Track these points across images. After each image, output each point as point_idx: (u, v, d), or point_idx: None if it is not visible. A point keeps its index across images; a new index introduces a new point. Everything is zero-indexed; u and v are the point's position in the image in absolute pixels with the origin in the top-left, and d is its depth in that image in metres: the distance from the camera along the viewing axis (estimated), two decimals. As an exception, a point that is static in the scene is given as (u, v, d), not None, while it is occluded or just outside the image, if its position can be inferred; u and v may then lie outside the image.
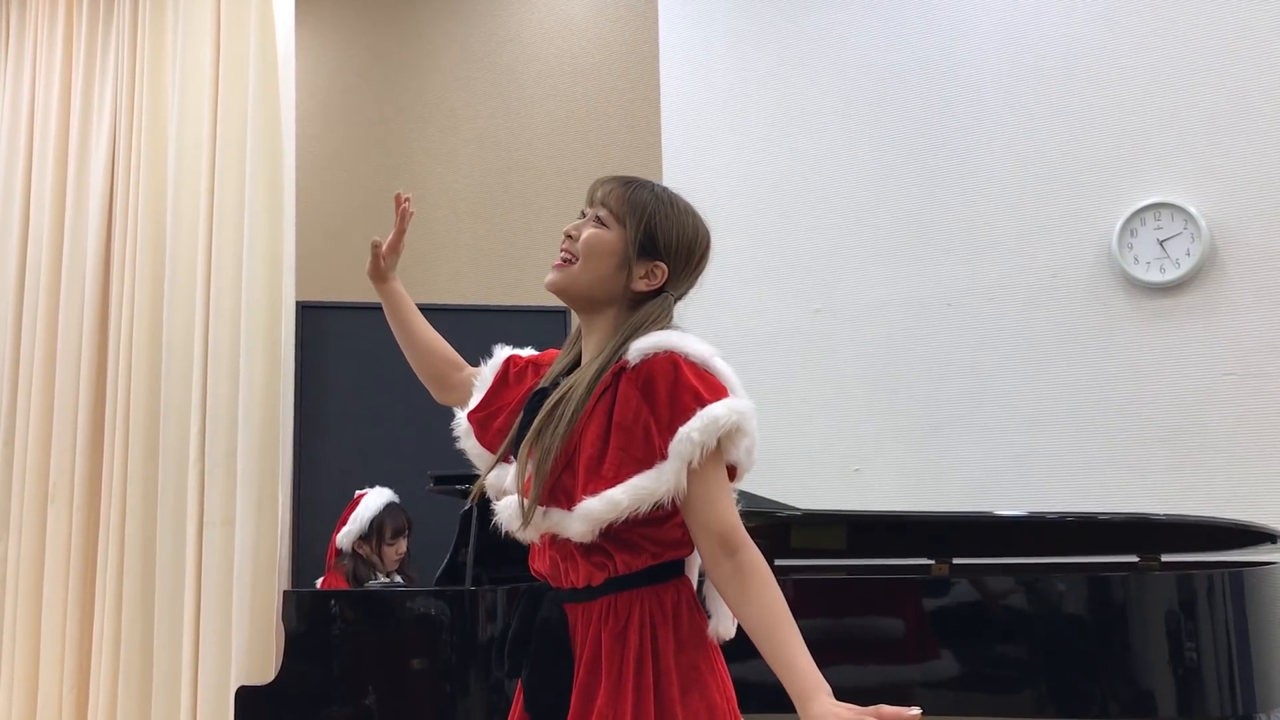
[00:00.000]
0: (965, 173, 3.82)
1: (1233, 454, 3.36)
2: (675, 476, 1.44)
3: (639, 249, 1.60)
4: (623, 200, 1.63)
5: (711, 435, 1.44)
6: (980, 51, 3.84)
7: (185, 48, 4.02)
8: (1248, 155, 3.43)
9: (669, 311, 1.61)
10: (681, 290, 1.66)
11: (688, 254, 1.64)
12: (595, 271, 1.60)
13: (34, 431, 4.03)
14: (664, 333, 1.54)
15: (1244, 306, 3.40)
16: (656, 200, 1.64)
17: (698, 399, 1.46)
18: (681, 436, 1.44)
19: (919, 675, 2.51)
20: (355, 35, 4.88)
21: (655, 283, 1.61)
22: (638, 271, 1.60)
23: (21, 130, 4.25)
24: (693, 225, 1.66)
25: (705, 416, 1.44)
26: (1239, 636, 2.44)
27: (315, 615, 2.86)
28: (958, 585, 2.60)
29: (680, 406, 1.46)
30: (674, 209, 1.65)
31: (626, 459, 1.46)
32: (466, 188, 4.66)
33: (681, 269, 1.64)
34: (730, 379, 1.52)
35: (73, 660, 3.89)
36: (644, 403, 1.47)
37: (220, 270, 3.84)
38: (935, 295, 3.82)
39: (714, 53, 4.30)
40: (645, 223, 1.61)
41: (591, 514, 1.45)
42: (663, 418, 1.46)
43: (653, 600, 1.51)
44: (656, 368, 1.48)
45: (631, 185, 1.65)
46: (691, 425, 1.44)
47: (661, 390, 1.47)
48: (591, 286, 1.60)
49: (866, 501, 3.79)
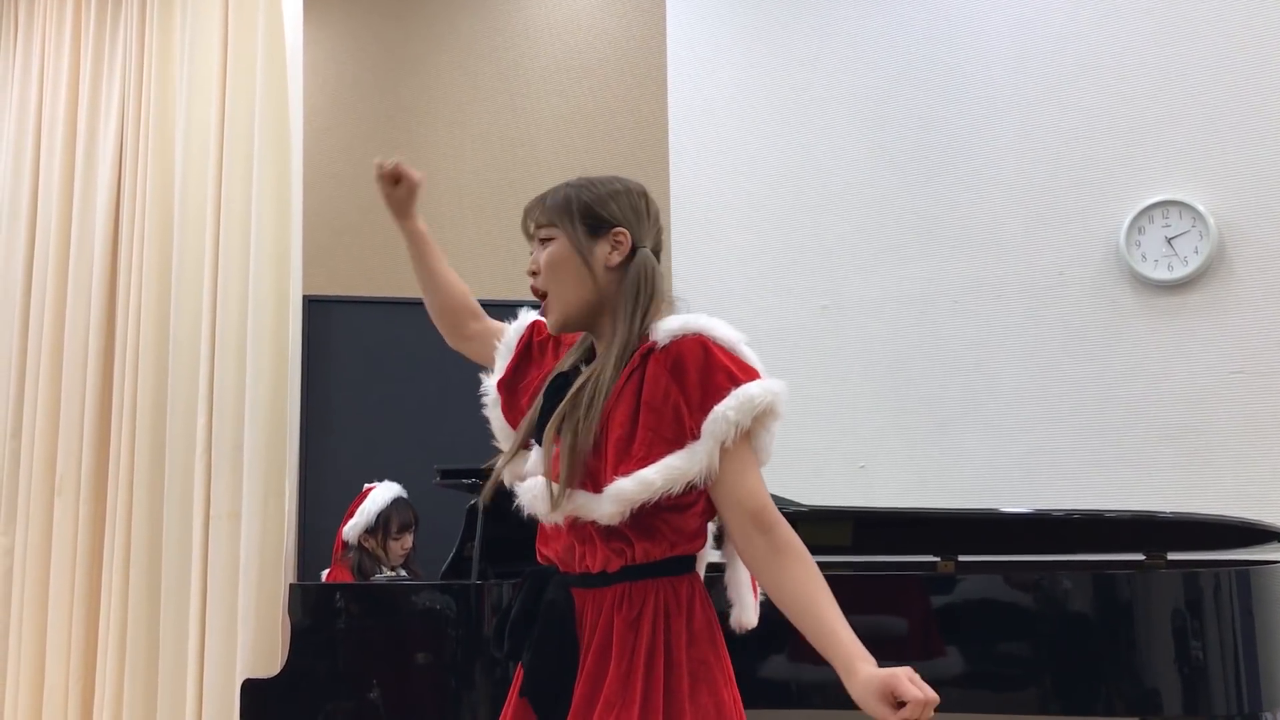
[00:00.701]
0: (972, 170, 3.81)
1: (1240, 452, 3.35)
2: (708, 456, 1.43)
3: (588, 231, 1.60)
4: (548, 209, 1.64)
5: (747, 414, 1.45)
6: (987, 49, 3.83)
7: (193, 43, 4.02)
8: (1256, 153, 3.42)
9: (649, 260, 1.61)
10: (651, 242, 1.64)
11: (634, 208, 1.63)
12: (570, 282, 1.60)
13: (41, 424, 4.04)
14: (692, 315, 1.55)
15: (1252, 304, 3.39)
16: (576, 186, 1.64)
17: (731, 378, 1.46)
18: (717, 415, 1.44)
19: (925, 672, 2.49)
20: (362, 31, 4.88)
21: (625, 248, 1.60)
22: (602, 250, 1.60)
23: (30, 125, 4.26)
24: (619, 183, 1.65)
25: (741, 395, 1.45)
26: (1245, 635, 2.43)
27: (321, 609, 2.86)
28: (963, 582, 2.60)
29: (713, 386, 1.46)
30: (594, 183, 1.64)
31: (657, 439, 1.45)
32: (473, 183, 4.66)
33: (637, 222, 1.62)
34: (759, 365, 1.53)
35: (79, 652, 3.90)
36: (673, 383, 1.47)
37: (227, 264, 3.85)
38: (942, 292, 3.82)
39: (721, 49, 4.29)
40: (578, 207, 1.61)
41: (624, 494, 1.44)
42: (693, 398, 1.46)
43: (668, 591, 1.50)
44: (686, 349, 1.48)
45: (546, 194, 1.66)
46: (727, 404, 1.44)
47: (692, 370, 1.47)
48: (578, 297, 1.60)
49: (872, 498, 3.79)
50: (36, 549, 3.98)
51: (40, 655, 3.92)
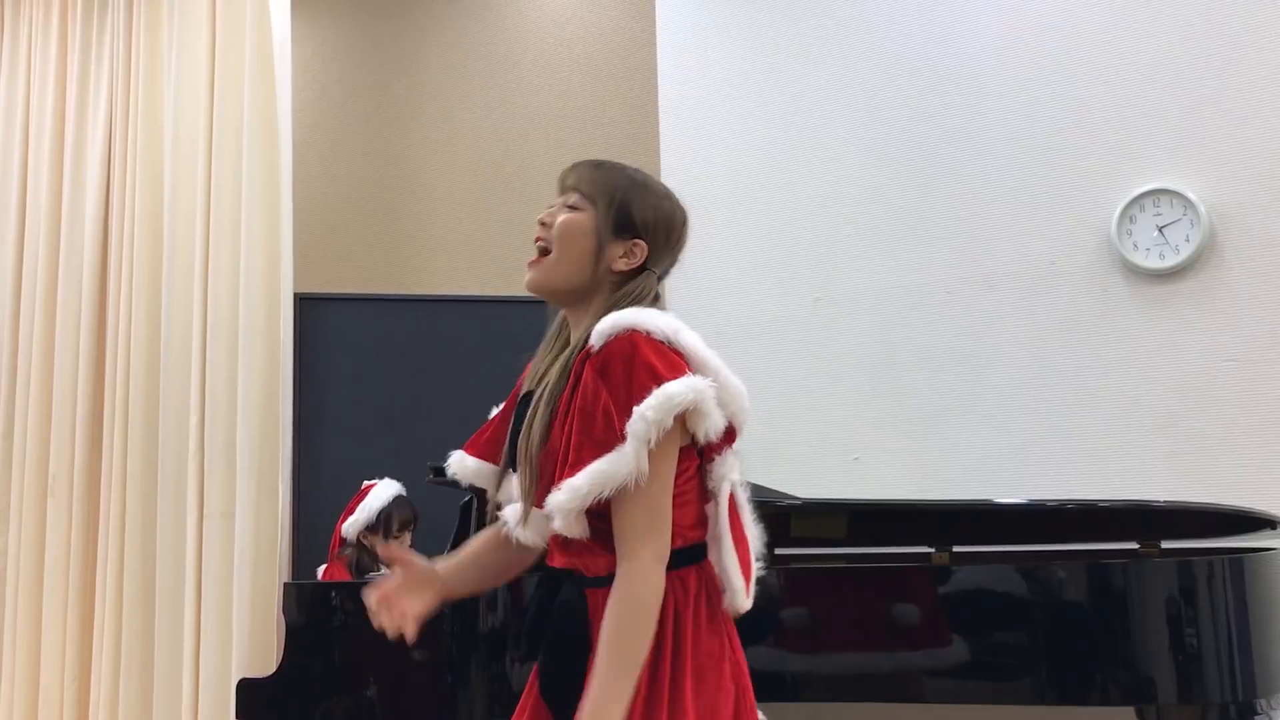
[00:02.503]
0: (964, 160, 3.81)
1: (1232, 440, 3.36)
2: (635, 458, 1.39)
3: (615, 227, 1.57)
4: (594, 181, 1.59)
5: (667, 413, 1.41)
6: (978, 38, 3.83)
7: (181, 39, 4.01)
8: (1247, 141, 3.42)
9: (652, 287, 1.58)
10: (664, 268, 1.62)
11: (666, 229, 1.61)
12: (573, 257, 1.56)
13: (33, 425, 4.02)
14: (626, 311, 1.49)
15: (1243, 293, 3.39)
16: (629, 179, 1.60)
17: (655, 377, 1.42)
18: (637, 415, 1.40)
19: (920, 663, 2.51)
20: (352, 26, 4.86)
21: (635, 261, 1.57)
22: (616, 251, 1.56)
23: (17, 125, 4.24)
24: (668, 202, 1.63)
25: (661, 394, 1.41)
26: (1239, 623, 2.44)
27: (316, 607, 2.86)
28: (958, 573, 2.60)
29: (637, 386, 1.42)
30: (647, 187, 1.61)
31: (587, 443, 1.42)
32: (464, 178, 4.65)
33: (661, 244, 1.60)
34: (698, 352, 1.49)
35: (74, 653, 3.89)
36: (602, 384, 1.43)
37: (218, 263, 3.84)
38: (934, 283, 3.82)
39: (711, 42, 4.28)
40: (619, 200, 1.57)
41: (557, 505, 1.42)
42: (620, 398, 1.42)
43: (676, 585, 1.47)
44: (615, 349, 1.44)
45: (602, 167, 1.62)
46: (647, 403, 1.40)
47: (618, 370, 1.43)
48: (570, 274, 1.56)
49: (866, 490, 3.79)
50: (30, 549, 3.97)
51: (35, 656, 3.92)
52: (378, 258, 4.69)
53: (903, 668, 2.51)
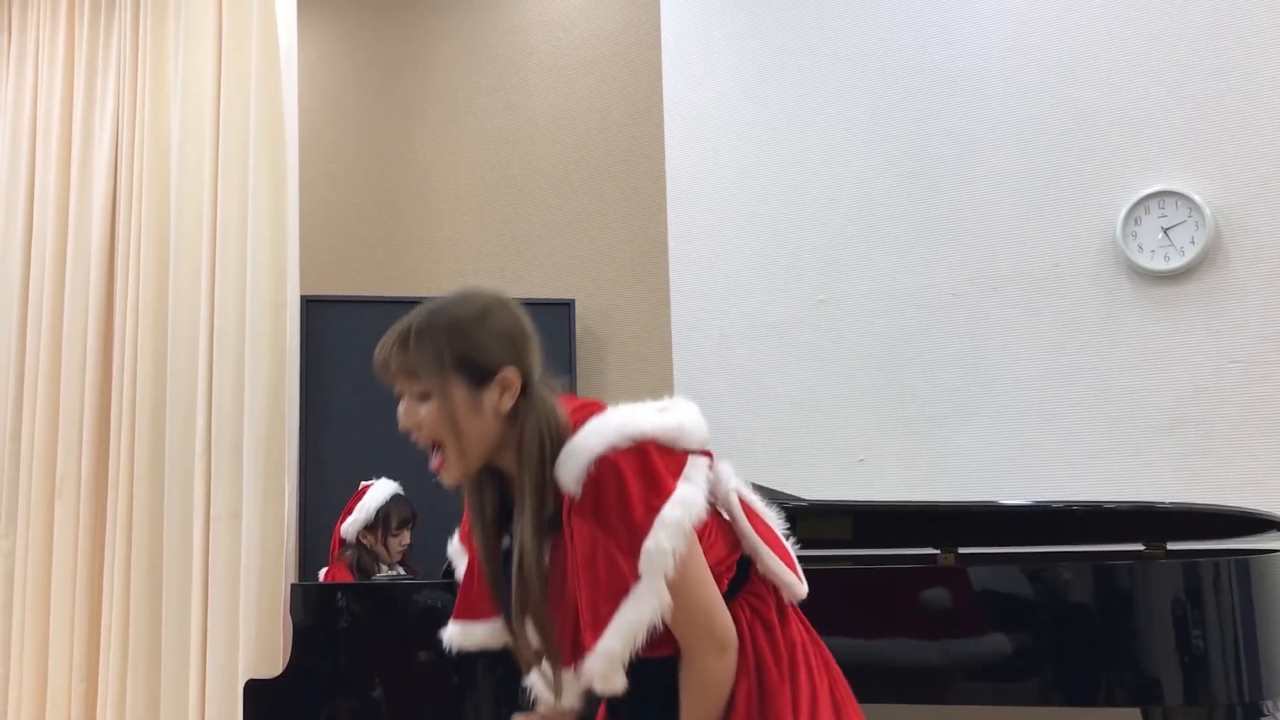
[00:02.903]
0: (968, 162, 3.81)
1: (1238, 442, 3.35)
2: (656, 596, 1.36)
3: (474, 382, 1.47)
4: (418, 361, 1.47)
5: (679, 539, 1.37)
6: (983, 41, 3.83)
7: (187, 42, 4.02)
8: (1252, 143, 3.42)
9: (546, 398, 1.50)
10: (538, 368, 1.52)
11: (512, 341, 1.50)
12: (465, 437, 1.47)
13: (40, 427, 4.04)
14: (581, 441, 1.42)
15: (1249, 294, 3.39)
16: (445, 328, 1.48)
17: (650, 507, 1.38)
18: (650, 553, 1.36)
19: (925, 664, 2.51)
20: (357, 29, 4.87)
21: (516, 388, 1.48)
22: (492, 398, 1.47)
23: (25, 128, 4.26)
24: (489, 316, 1.50)
25: (667, 525, 1.37)
26: (1245, 624, 2.44)
27: (323, 608, 2.86)
28: (963, 575, 2.60)
29: (636, 523, 1.37)
30: (461, 322, 1.48)
31: (599, 596, 1.38)
32: (470, 181, 4.66)
33: (521, 356, 1.50)
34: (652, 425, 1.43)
35: (81, 654, 3.90)
36: (598, 529, 1.38)
37: (224, 265, 3.85)
38: (939, 285, 3.82)
39: (716, 45, 4.29)
40: (454, 358, 1.46)
41: (598, 673, 1.38)
42: (622, 541, 1.37)
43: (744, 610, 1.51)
44: (600, 487, 1.39)
45: (408, 339, 1.49)
46: (656, 536, 1.36)
47: (611, 512, 1.38)
48: (478, 451, 1.48)
49: (871, 491, 3.79)
50: (37, 551, 3.98)
51: (43, 657, 3.93)
52: (383, 260, 4.70)
53: (908, 669, 2.51)
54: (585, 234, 4.45)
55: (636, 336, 4.30)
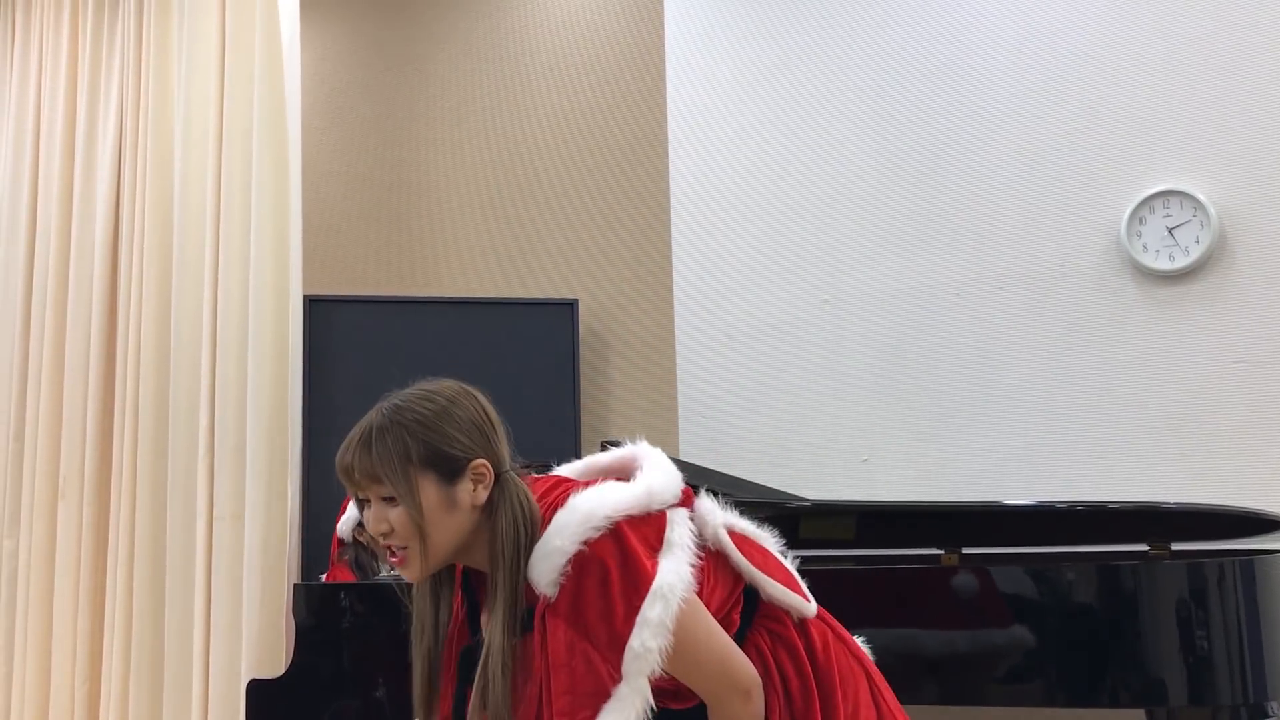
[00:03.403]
0: (973, 162, 3.81)
1: (1243, 442, 3.34)
2: (640, 696, 1.32)
3: (446, 477, 1.43)
4: (384, 463, 1.42)
5: (664, 635, 1.33)
6: (987, 40, 3.82)
7: (190, 43, 4.02)
8: (1257, 142, 3.41)
9: (518, 485, 1.46)
10: (508, 458, 1.49)
11: (480, 431, 1.46)
12: (439, 538, 1.43)
13: (43, 428, 4.04)
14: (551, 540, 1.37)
15: (1254, 294, 3.38)
16: (410, 428, 1.43)
17: (631, 607, 1.33)
18: (634, 654, 1.32)
19: (928, 665, 2.51)
20: (360, 29, 4.87)
21: (489, 479, 1.45)
22: (464, 490, 1.44)
23: (28, 127, 4.26)
24: (453, 406, 1.46)
25: (650, 623, 1.33)
26: (1250, 625, 2.43)
27: (325, 608, 2.86)
28: (967, 575, 2.59)
29: (615, 622, 1.33)
30: (426, 418, 1.44)
31: (578, 701, 1.32)
32: (472, 181, 4.66)
33: (490, 446, 1.47)
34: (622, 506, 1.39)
35: (84, 655, 3.91)
36: (574, 631, 1.33)
37: (227, 265, 3.85)
38: (943, 285, 3.81)
39: (719, 44, 4.29)
40: (423, 457, 1.42)
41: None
42: (600, 639, 1.33)
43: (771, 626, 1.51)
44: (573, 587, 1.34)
45: (370, 442, 1.44)
46: (640, 635, 1.33)
47: (590, 612, 1.34)
48: (446, 549, 1.44)
49: (874, 492, 3.78)
50: (40, 552, 3.98)
51: (46, 658, 3.93)
52: (387, 260, 4.70)
53: (912, 669, 2.50)
54: (588, 234, 4.45)
55: (640, 336, 4.30)
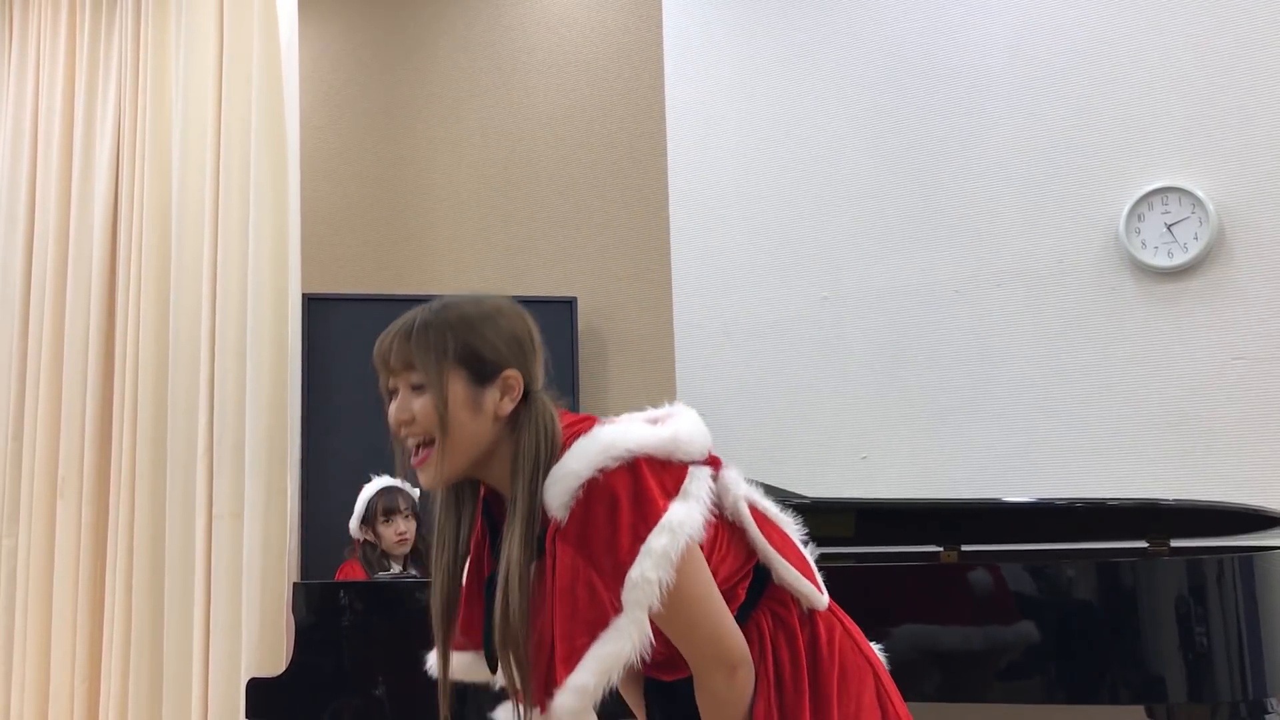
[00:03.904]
0: (971, 159, 3.81)
1: (1242, 438, 3.35)
2: (637, 629, 1.29)
3: (477, 379, 1.42)
4: (421, 350, 1.42)
5: (667, 568, 1.30)
6: (985, 38, 3.82)
7: (188, 40, 4.02)
8: (1255, 139, 3.41)
9: (546, 408, 1.44)
10: (541, 379, 1.48)
11: (519, 345, 1.46)
12: (456, 436, 1.40)
13: (42, 426, 4.04)
14: (568, 464, 1.35)
15: (1252, 290, 3.38)
16: (452, 322, 1.44)
17: (637, 536, 1.30)
18: (634, 582, 1.29)
19: (928, 662, 2.51)
20: (358, 26, 4.87)
21: (517, 393, 1.43)
22: (493, 398, 1.42)
23: (26, 126, 4.26)
24: (500, 316, 1.47)
25: (654, 554, 1.29)
26: (1249, 621, 2.43)
27: (325, 607, 2.86)
28: (966, 572, 2.60)
29: (622, 550, 1.30)
30: (470, 318, 1.45)
31: (576, 628, 1.30)
32: (470, 178, 4.66)
33: (526, 362, 1.45)
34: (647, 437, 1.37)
35: (83, 654, 3.91)
36: (580, 557, 1.31)
37: (226, 264, 3.85)
38: (942, 282, 3.81)
39: (718, 41, 4.28)
40: (459, 352, 1.41)
41: (568, 711, 1.30)
42: (605, 569, 1.31)
43: (775, 608, 1.46)
44: (582, 512, 1.32)
45: (412, 329, 1.44)
46: (642, 565, 1.29)
47: (596, 539, 1.31)
48: (468, 454, 1.42)
49: (874, 489, 3.79)
50: (39, 551, 3.98)
51: (45, 657, 3.93)
52: (385, 258, 4.69)
53: (912, 666, 2.50)
54: (587, 231, 4.44)
55: (638, 334, 4.29)
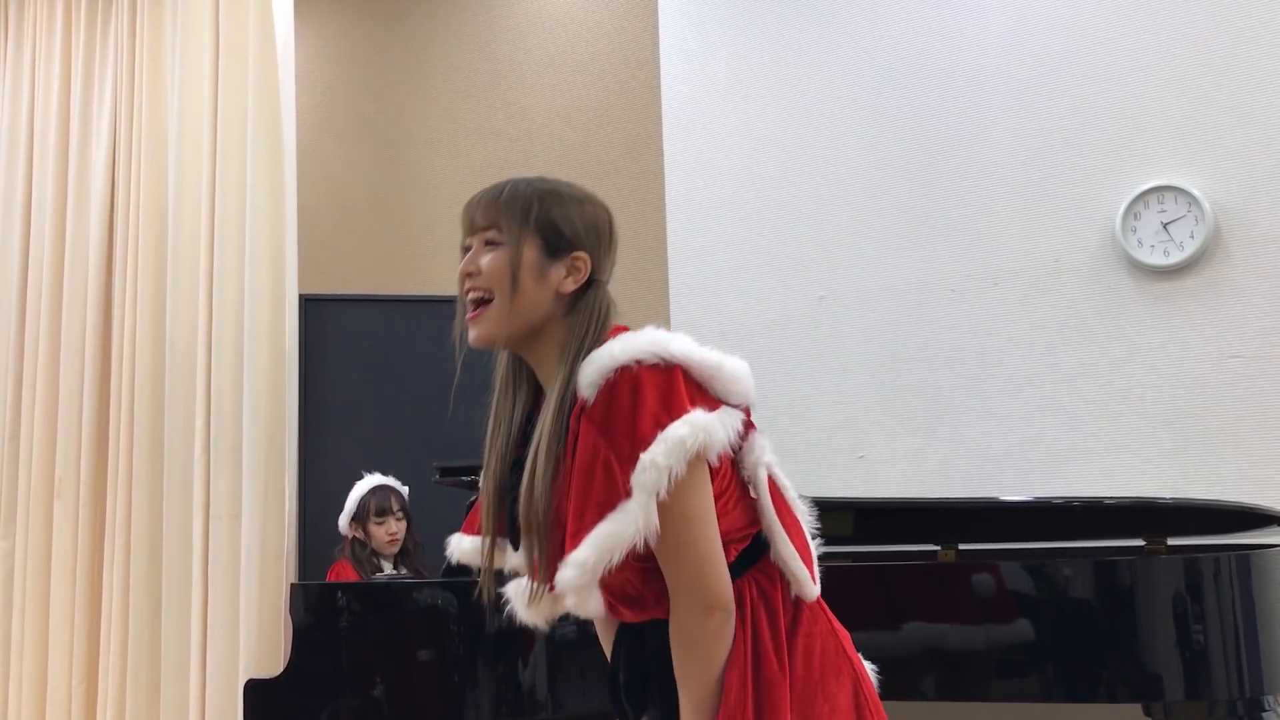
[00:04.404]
0: (968, 158, 3.81)
1: (1238, 437, 3.35)
2: (643, 513, 1.27)
3: (548, 249, 1.43)
4: (506, 209, 1.44)
5: (679, 458, 1.29)
6: (981, 37, 3.82)
7: (184, 41, 4.01)
8: (1251, 137, 3.42)
9: (606, 300, 1.46)
10: (608, 276, 1.49)
11: (597, 233, 1.47)
12: (517, 299, 1.41)
13: (39, 427, 4.03)
14: (608, 348, 1.36)
15: (1248, 289, 3.39)
16: (541, 193, 1.46)
17: (658, 422, 1.30)
18: (645, 465, 1.28)
19: (925, 661, 2.51)
20: (354, 27, 4.87)
21: (582, 277, 1.45)
22: (558, 273, 1.44)
23: (22, 127, 4.25)
24: (589, 205, 1.49)
25: (669, 440, 1.29)
26: (1246, 619, 2.44)
27: (323, 607, 2.86)
28: (964, 571, 2.60)
29: (640, 434, 1.29)
30: (562, 195, 1.47)
31: (588, 505, 1.30)
32: (467, 179, 4.66)
33: (599, 250, 1.47)
34: (691, 356, 1.37)
35: (81, 655, 3.90)
36: (600, 437, 1.31)
37: (223, 264, 3.84)
38: (939, 281, 3.82)
39: (714, 41, 4.28)
40: (541, 218, 1.43)
41: (567, 585, 1.31)
42: (622, 450, 1.30)
43: (751, 588, 1.41)
44: (614, 395, 1.32)
45: (506, 190, 1.46)
46: (655, 451, 1.28)
47: (618, 420, 1.31)
48: (523, 319, 1.43)
49: (871, 488, 3.79)
50: (37, 552, 3.98)
51: (42, 657, 3.93)
52: (382, 258, 4.69)
53: (908, 666, 2.51)
54: (584, 231, 4.44)
55: (636, 334, 4.29)
